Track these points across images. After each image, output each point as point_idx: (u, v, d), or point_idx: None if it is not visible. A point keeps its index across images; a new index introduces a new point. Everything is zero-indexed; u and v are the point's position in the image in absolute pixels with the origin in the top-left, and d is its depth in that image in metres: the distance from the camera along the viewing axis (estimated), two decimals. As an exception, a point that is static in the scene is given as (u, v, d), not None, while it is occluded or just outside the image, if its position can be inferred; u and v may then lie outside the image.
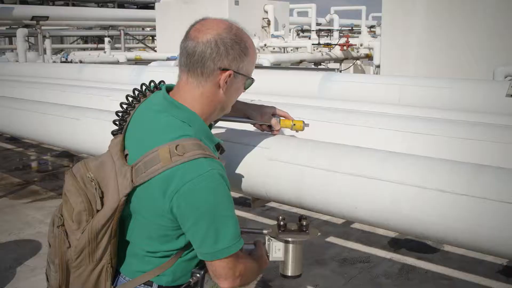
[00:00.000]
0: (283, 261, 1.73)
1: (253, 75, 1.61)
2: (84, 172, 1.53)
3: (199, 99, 1.51)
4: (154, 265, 1.53)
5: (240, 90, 1.60)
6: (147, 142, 1.46)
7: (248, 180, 1.86)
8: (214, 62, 1.47)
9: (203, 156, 1.40)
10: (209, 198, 1.40)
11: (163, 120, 1.49)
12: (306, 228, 1.72)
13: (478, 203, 1.35)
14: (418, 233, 1.51)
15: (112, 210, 1.46)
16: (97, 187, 1.50)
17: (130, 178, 1.44)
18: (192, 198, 1.39)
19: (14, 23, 18.24)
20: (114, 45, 21.06)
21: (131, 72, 4.51)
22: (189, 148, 1.40)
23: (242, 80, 1.56)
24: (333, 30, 15.43)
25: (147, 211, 1.46)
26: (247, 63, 1.54)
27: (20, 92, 3.89)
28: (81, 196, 1.50)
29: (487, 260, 4.19)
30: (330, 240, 4.81)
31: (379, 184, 1.53)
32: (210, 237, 1.42)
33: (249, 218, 5.39)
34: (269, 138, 1.85)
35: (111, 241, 1.50)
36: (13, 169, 7.69)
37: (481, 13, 6.10)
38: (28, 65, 7.20)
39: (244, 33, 1.54)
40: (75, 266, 1.52)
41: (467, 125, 1.92)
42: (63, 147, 2.98)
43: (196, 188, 1.38)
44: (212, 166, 1.41)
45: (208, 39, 1.46)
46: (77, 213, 1.50)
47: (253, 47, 1.57)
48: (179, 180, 1.38)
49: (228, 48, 1.47)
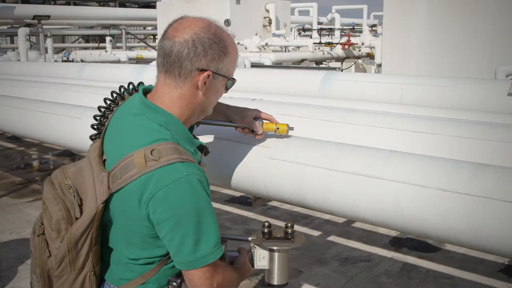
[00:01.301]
0: (268, 269, 1.66)
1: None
2: (62, 179, 1.49)
3: (177, 101, 1.46)
4: (138, 272, 1.48)
5: (221, 91, 1.55)
6: (123, 146, 1.42)
7: (249, 179, 1.86)
8: (192, 62, 1.42)
9: (180, 160, 1.35)
10: (185, 204, 1.35)
11: (139, 123, 1.44)
12: (291, 235, 1.65)
13: (479, 202, 1.35)
14: (419, 232, 1.51)
15: (90, 218, 1.41)
16: (75, 194, 1.46)
17: (106, 184, 1.39)
18: (168, 204, 1.34)
19: (15, 22, 18.28)
20: (116, 44, 21.11)
21: (132, 71, 4.51)
22: (165, 152, 1.35)
23: (223, 81, 1.51)
24: (334, 29, 15.43)
25: (125, 218, 1.42)
26: (228, 63, 1.48)
27: (22, 91, 3.89)
28: (59, 204, 1.46)
29: (488, 259, 4.18)
30: (331, 239, 4.81)
31: (381, 183, 1.53)
32: (186, 246, 1.36)
33: (250, 217, 5.39)
34: (271, 137, 1.85)
35: (92, 249, 1.45)
36: (14, 168, 7.70)
37: (482, 11, 6.10)
38: (30, 64, 7.21)
39: (224, 32, 1.48)
40: (57, 276, 1.48)
41: (469, 124, 1.92)
42: (65, 146, 2.98)
43: (171, 193, 1.33)
44: (189, 170, 1.35)
45: (185, 39, 1.41)
46: (56, 222, 1.46)
47: (234, 46, 1.51)
48: (154, 185, 1.33)
49: (206, 47, 1.42)
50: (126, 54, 13.35)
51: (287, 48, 13.61)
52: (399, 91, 2.90)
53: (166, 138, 1.40)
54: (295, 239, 1.67)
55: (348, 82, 3.23)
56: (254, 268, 1.67)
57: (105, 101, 1.58)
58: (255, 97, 2.62)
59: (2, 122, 3.45)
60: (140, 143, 1.38)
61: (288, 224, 1.67)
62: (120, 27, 20.93)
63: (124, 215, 1.42)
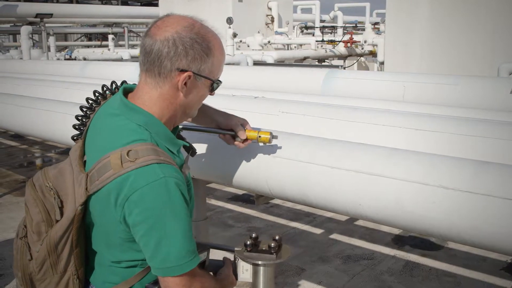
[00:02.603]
0: (252, 282, 1.60)
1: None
2: (43, 182, 1.47)
3: (157, 101, 1.41)
4: (121, 276, 1.46)
5: (204, 94, 1.48)
6: (101, 147, 1.39)
7: (251, 177, 1.86)
8: (172, 62, 1.37)
9: (157, 161, 1.31)
10: (160, 207, 1.31)
11: (118, 124, 1.41)
12: (277, 249, 1.57)
13: (481, 200, 1.35)
14: (422, 230, 1.51)
15: (69, 220, 1.39)
16: (55, 196, 1.44)
17: (84, 186, 1.37)
18: (142, 206, 1.30)
19: (18, 20, 18.30)
20: (118, 42, 21.11)
21: (134, 69, 4.51)
22: (142, 153, 1.32)
23: (206, 83, 1.44)
24: (337, 27, 15.42)
25: (104, 220, 1.39)
26: (211, 64, 1.42)
27: (24, 89, 3.90)
28: (38, 206, 1.44)
29: (491, 257, 4.18)
30: (334, 237, 4.81)
31: (383, 181, 1.53)
32: (160, 251, 1.32)
33: (252, 215, 5.40)
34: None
35: (73, 252, 1.42)
36: (17, 166, 7.72)
37: (485, 9, 6.09)
38: (32, 62, 7.22)
39: (209, 32, 1.42)
40: (39, 279, 1.46)
41: (471, 122, 1.91)
42: (67, 144, 2.98)
43: (146, 195, 1.30)
44: (165, 172, 1.31)
45: (166, 37, 1.36)
46: (36, 224, 1.44)
47: (219, 47, 1.44)
48: (129, 187, 1.30)
49: (187, 47, 1.37)
50: (128, 52, 13.34)
51: (290, 46, 13.61)
52: (402, 89, 2.90)
53: (144, 139, 1.36)
54: (280, 253, 1.59)
55: (351, 80, 3.23)
56: (238, 280, 1.61)
57: (87, 100, 1.55)
58: (257, 95, 2.62)
59: (5, 120, 3.46)
60: (117, 144, 1.35)
61: (276, 237, 1.61)
62: (123, 25, 20.93)
63: (103, 217, 1.39)
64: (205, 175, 2.07)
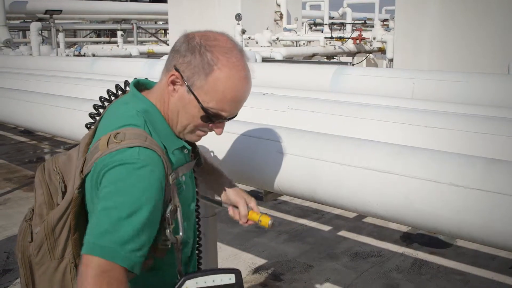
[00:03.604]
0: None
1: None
2: (52, 165, 1.49)
3: (156, 93, 1.41)
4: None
5: (192, 113, 1.36)
6: (102, 132, 1.38)
7: (260, 173, 1.86)
8: (174, 56, 1.36)
9: (140, 145, 1.27)
10: (126, 188, 1.24)
11: (121, 110, 1.41)
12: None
13: (492, 198, 1.34)
14: (431, 228, 1.50)
15: (67, 203, 1.38)
16: (61, 181, 1.45)
17: (80, 169, 1.37)
18: (110, 180, 1.25)
19: (28, 16, 18.37)
20: (127, 38, 21.14)
21: (143, 65, 4.52)
22: (128, 136, 1.29)
23: (193, 102, 1.34)
24: (346, 24, 15.37)
25: (93, 204, 1.34)
26: (206, 86, 1.31)
27: (34, 85, 3.92)
28: (42, 188, 1.46)
29: (500, 255, 4.16)
30: (342, 234, 4.81)
31: (393, 178, 1.53)
32: (99, 224, 1.22)
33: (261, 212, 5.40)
34: (282, 132, 1.84)
35: (70, 237, 1.39)
36: (26, 162, 7.76)
37: (496, 5, 6.04)
38: (42, 58, 7.25)
39: (231, 58, 1.32)
40: (38, 263, 1.43)
41: (482, 119, 1.90)
42: (76, 140, 2.99)
43: (117, 173, 1.25)
44: (144, 158, 1.26)
45: (187, 35, 1.36)
46: (39, 206, 1.45)
47: (228, 78, 1.31)
48: (106, 165, 1.27)
49: (188, 50, 1.33)
50: (137, 48, 13.36)
51: (298, 42, 13.57)
52: (411, 85, 2.89)
53: (136, 124, 1.34)
54: None
55: (360, 77, 3.22)
56: None
57: (108, 92, 1.57)
58: (266, 92, 2.62)
59: (15, 116, 3.47)
60: (113, 127, 1.35)
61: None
62: (132, 22, 20.97)
63: (91, 200, 1.35)
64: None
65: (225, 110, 1.35)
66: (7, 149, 8.57)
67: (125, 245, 1.20)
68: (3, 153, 8.22)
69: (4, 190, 6.23)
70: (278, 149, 1.79)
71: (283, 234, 4.77)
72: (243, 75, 1.34)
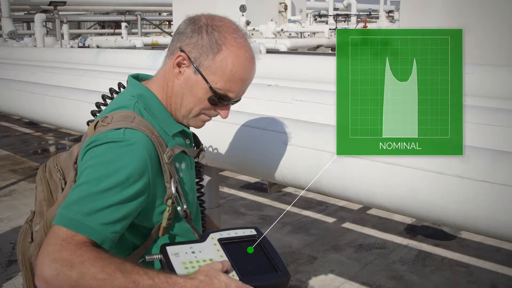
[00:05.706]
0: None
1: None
2: (53, 163, 1.48)
3: (159, 79, 1.37)
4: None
5: (198, 96, 1.33)
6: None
7: (265, 164, 1.86)
8: (179, 39, 1.32)
9: (126, 127, 1.23)
10: (96, 164, 1.20)
11: (116, 99, 1.40)
12: None
13: (497, 190, 1.34)
14: (437, 219, 1.50)
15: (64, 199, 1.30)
16: (61, 178, 1.43)
17: (74, 159, 1.34)
18: (90, 156, 1.22)
19: (32, 8, 18.37)
20: (131, 30, 21.11)
21: (147, 56, 4.52)
22: (116, 118, 1.26)
23: (201, 83, 1.31)
24: (350, 15, 15.31)
25: None
26: (214, 64, 1.29)
27: (39, 77, 3.92)
28: (42, 185, 1.44)
29: (504, 247, 4.15)
30: (346, 226, 4.81)
31: (398, 169, 1.52)
32: (69, 198, 1.17)
33: (265, 204, 5.40)
34: (286, 123, 1.84)
35: None
36: (31, 154, 7.79)
37: (502, -3, 6.00)
38: (46, 50, 7.26)
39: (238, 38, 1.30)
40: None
41: (488, 111, 1.89)
42: (81, 131, 3.00)
43: (100, 151, 1.21)
44: (130, 140, 1.22)
45: (190, 17, 1.33)
46: (38, 204, 1.43)
47: (236, 54, 1.29)
48: (88, 143, 1.24)
49: (195, 30, 1.30)
50: (141, 40, 13.36)
51: (303, 34, 13.54)
52: (417, 77, 2.87)
53: (126, 106, 1.30)
54: None
55: (365, 68, 3.20)
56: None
57: (110, 90, 1.55)
58: (270, 83, 2.62)
59: (20, 108, 3.48)
60: (104, 114, 1.33)
61: None
62: (136, 13, 20.94)
63: None
64: (218, 162, 2.07)
65: (233, 91, 1.33)
66: (12, 141, 8.59)
67: (93, 217, 1.14)
68: (8, 145, 8.25)
69: (9, 181, 6.25)
70: (283, 140, 1.79)
71: (287, 225, 4.78)
72: (250, 55, 1.33)
